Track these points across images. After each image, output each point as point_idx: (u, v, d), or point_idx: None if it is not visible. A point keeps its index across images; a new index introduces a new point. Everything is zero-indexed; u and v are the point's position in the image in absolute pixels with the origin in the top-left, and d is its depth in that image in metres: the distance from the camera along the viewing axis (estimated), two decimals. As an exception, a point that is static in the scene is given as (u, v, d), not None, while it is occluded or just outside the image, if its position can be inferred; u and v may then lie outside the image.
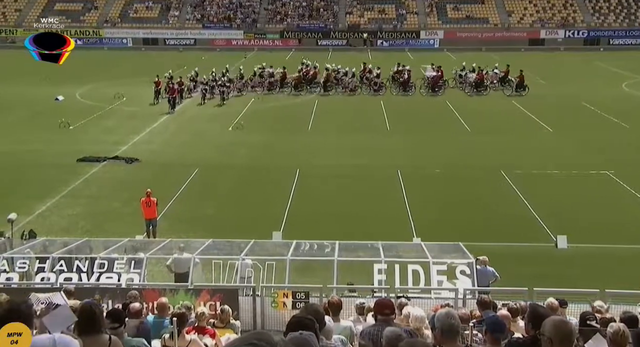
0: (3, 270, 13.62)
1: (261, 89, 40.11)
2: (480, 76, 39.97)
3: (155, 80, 37.27)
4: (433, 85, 39.76)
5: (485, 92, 39.67)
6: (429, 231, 17.59)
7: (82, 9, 69.66)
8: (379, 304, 5.89)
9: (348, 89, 40.07)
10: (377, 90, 39.82)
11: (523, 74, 39.55)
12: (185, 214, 19.86)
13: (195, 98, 38.43)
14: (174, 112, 34.64)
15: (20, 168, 24.33)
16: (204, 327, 8.62)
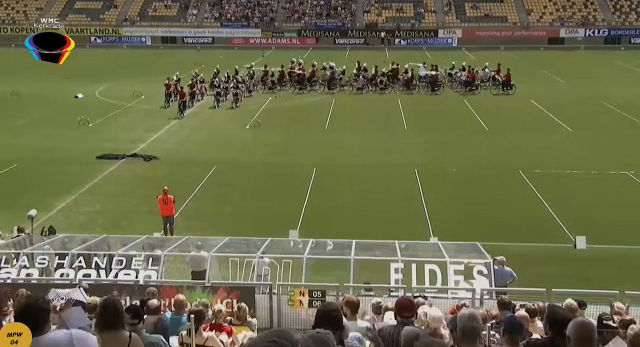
0: (23, 266, 13.78)
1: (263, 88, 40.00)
2: (472, 75, 39.90)
3: (166, 83, 36.26)
4: (432, 84, 39.68)
5: (477, 91, 39.60)
6: (446, 230, 17.51)
7: (102, 8, 70.24)
8: (399, 305, 5.88)
9: (355, 87, 40.17)
10: (383, 89, 39.91)
11: (510, 72, 39.57)
12: (202, 212, 19.95)
13: (206, 101, 37.25)
14: (183, 116, 33.49)
15: (41, 165, 24.59)
16: (221, 325, 8.65)
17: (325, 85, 40.48)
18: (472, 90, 39.46)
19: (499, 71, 40.44)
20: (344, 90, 40.24)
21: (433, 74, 40.15)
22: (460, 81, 40.28)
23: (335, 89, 40.32)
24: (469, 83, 39.67)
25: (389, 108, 35.43)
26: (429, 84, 39.78)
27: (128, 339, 5.06)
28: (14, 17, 69.44)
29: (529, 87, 40.53)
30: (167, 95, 35.95)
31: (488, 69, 41.16)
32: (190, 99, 35.50)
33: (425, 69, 41.38)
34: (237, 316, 9.71)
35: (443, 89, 39.95)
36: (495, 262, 13.14)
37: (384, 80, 40.20)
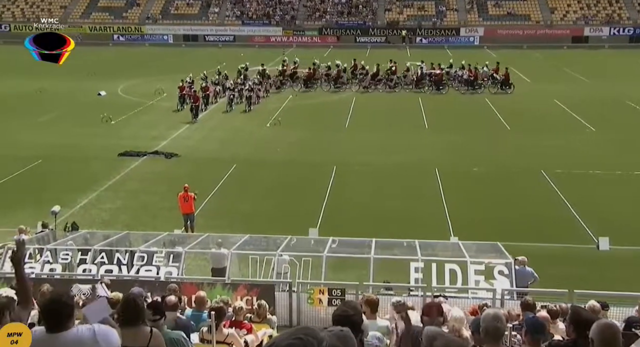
0: (47, 261, 13.96)
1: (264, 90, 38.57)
2: (474, 74, 39.74)
3: (180, 86, 35.18)
4: (437, 83, 39.52)
5: (480, 90, 39.38)
6: (467, 230, 17.41)
7: (125, 6, 70.85)
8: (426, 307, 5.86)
9: (362, 86, 40.25)
10: (392, 88, 39.86)
11: (508, 71, 39.42)
12: (222, 209, 20.05)
13: (220, 104, 36.07)
14: (197, 121, 32.13)
15: (64, 161, 24.89)
16: (241, 322, 8.69)
17: (331, 84, 40.48)
18: (475, 89, 39.32)
19: (498, 70, 40.35)
20: (349, 88, 40.27)
21: (437, 72, 40.04)
22: (460, 80, 40.19)
23: (341, 87, 40.36)
24: (471, 82, 39.56)
25: (410, 107, 35.30)
26: (433, 83, 39.68)
27: (149, 335, 5.10)
28: (39, 16, 70.25)
29: (551, 86, 40.18)
30: (181, 97, 34.83)
31: (487, 67, 40.99)
32: (203, 102, 34.23)
33: (425, 68, 41.34)
34: (257, 313, 9.74)
35: (448, 88, 39.74)
36: (517, 263, 13.03)
37: (394, 78, 40.23)
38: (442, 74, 39.99)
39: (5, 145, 26.97)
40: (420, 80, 40.05)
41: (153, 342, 5.15)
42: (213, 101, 36.19)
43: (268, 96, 38.23)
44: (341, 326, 3.88)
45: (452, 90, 39.99)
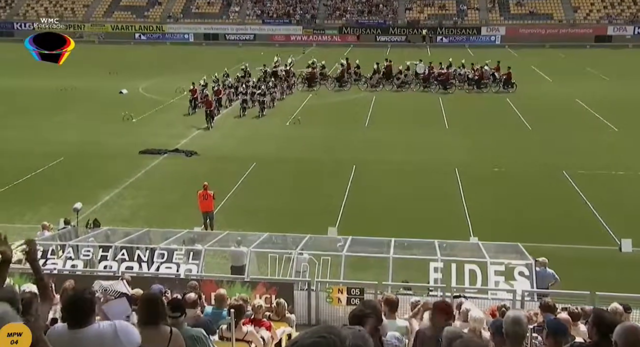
0: (69, 257, 14.12)
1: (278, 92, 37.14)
2: (480, 73, 39.67)
3: (191, 89, 33.80)
4: (444, 82, 39.46)
5: (486, 89, 39.21)
6: (487, 230, 17.30)
7: (147, 5, 71.35)
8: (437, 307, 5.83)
9: (368, 84, 40.24)
10: (400, 86, 39.90)
11: (510, 71, 39.23)
12: (242, 208, 20.12)
13: (233, 108, 34.80)
14: (212, 126, 30.67)
15: (86, 159, 25.16)
16: (260, 320, 8.71)
17: (336, 83, 40.45)
18: (480, 88, 39.24)
19: (499, 69, 40.19)
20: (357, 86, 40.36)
21: (444, 72, 40.02)
22: (463, 79, 40.13)
23: (346, 85, 40.37)
24: (477, 81, 39.47)
25: (431, 106, 35.15)
26: (440, 82, 39.62)
27: (169, 335, 5.10)
28: (62, 14, 71.04)
29: (574, 85, 39.76)
30: (193, 101, 33.63)
31: (488, 66, 40.80)
32: (216, 106, 32.97)
33: (423, 67, 41.29)
34: (275, 311, 9.76)
35: (455, 88, 39.58)
36: (537, 264, 12.92)
37: (401, 77, 40.29)
38: (449, 74, 39.94)
39: (29, 142, 27.33)
40: (428, 79, 40.06)
41: (173, 344, 5.15)
42: (227, 105, 35.12)
43: (284, 99, 37.62)
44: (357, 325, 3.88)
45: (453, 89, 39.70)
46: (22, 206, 19.98)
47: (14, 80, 40.92)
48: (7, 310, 3.56)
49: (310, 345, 2.03)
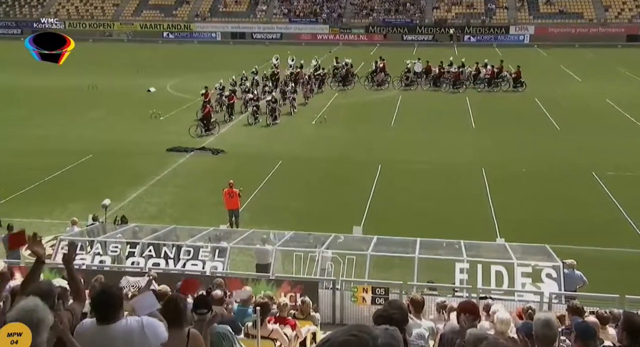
0: (97, 253, 14.30)
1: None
2: (492, 72, 39.45)
3: (203, 92, 32.19)
4: (454, 81, 39.38)
5: (497, 88, 38.91)
6: (513, 231, 17.12)
7: (175, 4, 71.95)
8: (462, 308, 5.79)
9: (375, 83, 40.24)
10: (408, 85, 39.96)
11: (520, 69, 39.09)
12: (267, 206, 20.19)
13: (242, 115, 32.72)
14: (211, 133, 28.91)
15: (114, 156, 25.46)
16: (285, 318, 8.74)
17: (340, 82, 40.29)
18: (491, 87, 39.00)
19: (502, 68, 39.99)
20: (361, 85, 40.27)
21: (455, 71, 39.91)
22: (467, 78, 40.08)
23: (350, 85, 40.25)
24: (489, 80, 39.27)
25: (457, 106, 34.91)
26: (451, 81, 39.54)
27: (186, 338, 5.12)
28: (92, 13, 72.01)
29: (604, 85, 39.15)
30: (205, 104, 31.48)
31: (490, 65, 40.71)
32: (227, 112, 31.84)
33: (420, 65, 41.21)
34: (300, 309, 9.78)
35: (465, 87, 39.32)
36: (565, 266, 12.76)
37: (410, 76, 40.26)
38: (459, 73, 39.81)
39: (58, 140, 27.76)
40: (439, 78, 40.02)
41: (191, 345, 5.17)
42: (243, 110, 32.91)
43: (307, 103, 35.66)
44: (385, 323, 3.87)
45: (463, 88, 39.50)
46: (51, 202, 20.29)
47: (44, 79, 41.50)
48: (38, 303, 3.63)
49: (342, 343, 2.03)
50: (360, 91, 39.44)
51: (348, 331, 2.07)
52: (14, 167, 23.33)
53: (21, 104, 35.62)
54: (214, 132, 29.12)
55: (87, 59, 52.93)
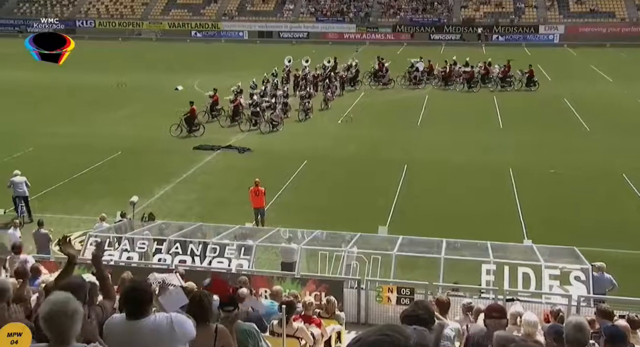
0: (125, 249, 14.48)
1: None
2: (505, 71, 39.18)
3: (212, 94, 31.86)
4: (468, 80, 39.20)
5: (510, 87, 38.64)
6: (541, 233, 16.92)
7: (203, 3, 72.46)
8: (488, 308, 5.74)
9: (381, 83, 40.08)
10: (417, 84, 39.99)
11: (532, 68, 38.90)
12: (293, 204, 20.23)
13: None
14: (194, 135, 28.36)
15: (142, 153, 25.76)
16: (310, 317, 8.75)
17: (348, 83, 39.99)
18: (504, 87, 38.78)
19: (510, 67, 39.75)
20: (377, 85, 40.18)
21: (468, 70, 39.74)
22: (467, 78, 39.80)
23: (357, 85, 40.05)
24: (502, 79, 39.01)
25: (485, 105, 34.62)
26: (464, 80, 39.44)
27: (214, 334, 5.16)
28: (122, 12, 72.86)
29: (636, 86, 38.45)
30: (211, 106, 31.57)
31: (497, 65, 40.53)
32: (227, 115, 30.84)
33: (422, 64, 41.01)
34: (325, 308, 9.79)
35: (479, 87, 39.07)
36: (594, 269, 12.58)
37: (418, 75, 40.20)
38: (473, 72, 39.60)
39: (88, 137, 28.13)
40: (449, 77, 39.97)
41: (219, 342, 5.22)
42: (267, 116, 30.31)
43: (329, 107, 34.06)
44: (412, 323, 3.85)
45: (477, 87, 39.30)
46: (80, 198, 20.59)
47: (74, 77, 42.12)
48: (70, 296, 3.69)
49: (374, 343, 2.02)
50: (386, 91, 39.31)
51: (380, 331, 2.06)
52: (45, 163, 23.70)
53: (51, 101, 36.18)
54: (197, 134, 28.57)
55: (117, 57, 53.69)
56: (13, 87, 39.27)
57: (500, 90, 38.40)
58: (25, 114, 32.88)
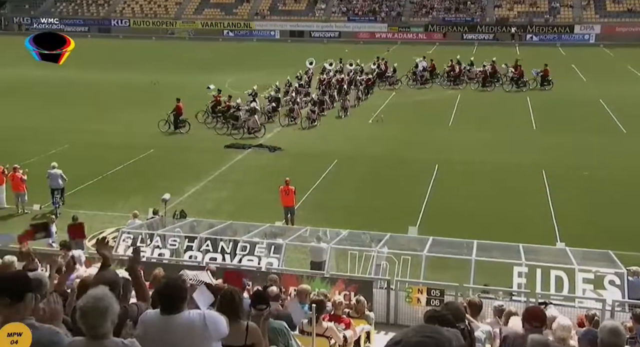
0: (157, 246, 14.66)
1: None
2: (519, 71, 38.78)
3: (215, 94, 31.95)
4: (483, 79, 39.05)
5: (525, 88, 38.31)
6: (575, 236, 16.64)
7: (235, 2, 72.92)
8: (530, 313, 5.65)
9: (387, 83, 39.94)
10: (423, 84, 39.79)
11: (547, 68, 38.51)
12: (322, 204, 20.23)
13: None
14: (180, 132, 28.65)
15: (174, 151, 26.03)
16: (339, 316, 8.75)
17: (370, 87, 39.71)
18: (520, 87, 38.44)
19: (517, 67, 39.46)
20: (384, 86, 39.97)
21: (481, 69, 39.71)
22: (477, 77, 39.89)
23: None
24: (516, 80, 38.66)
25: (518, 105, 34.21)
26: (479, 80, 39.32)
27: (245, 332, 5.19)
28: (156, 11, 73.70)
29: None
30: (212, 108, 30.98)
31: (505, 65, 40.31)
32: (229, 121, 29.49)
33: (424, 63, 40.75)
34: (355, 308, 9.77)
35: (494, 86, 38.83)
36: (630, 273, 12.34)
37: (424, 74, 40.01)
38: (486, 71, 39.41)
39: (121, 134, 28.52)
40: (459, 76, 39.84)
41: (250, 339, 5.25)
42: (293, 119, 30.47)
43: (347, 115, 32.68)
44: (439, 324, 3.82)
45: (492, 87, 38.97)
46: (113, 195, 20.88)
47: (109, 75, 42.80)
48: (107, 293, 3.74)
49: (417, 344, 2.00)
50: (416, 91, 39.10)
51: (421, 332, 2.03)
52: (79, 160, 24.07)
53: (86, 99, 36.75)
54: (182, 131, 28.95)
55: (150, 56, 54.33)
56: (49, 85, 40.01)
57: (516, 91, 38.16)
58: (61, 111, 33.49)
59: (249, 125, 28.79)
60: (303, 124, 30.23)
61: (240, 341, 5.15)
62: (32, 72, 38.33)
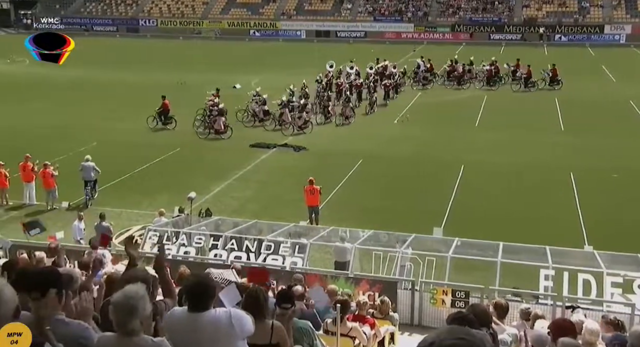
0: (182, 244, 14.79)
1: None
2: (528, 72, 38.48)
3: (214, 93, 31.64)
4: (488, 79, 39.04)
5: (534, 88, 38.14)
6: (603, 239, 16.39)
7: (262, 2, 73.19)
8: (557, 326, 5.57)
9: (420, 84, 39.95)
10: (425, 85, 39.68)
11: (556, 67, 38.24)
12: (347, 204, 20.21)
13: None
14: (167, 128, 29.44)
15: (200, 150, 26.24)
16: (364, 316, 8.74)
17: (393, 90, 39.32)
18: (528, 87, 38.26)
19: (519, 66, 39.28)
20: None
21: (487, 69, 39.49)
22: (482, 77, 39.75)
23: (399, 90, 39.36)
24: (525, 80, 38.44)
25: (545, 106, 33.81)
26: (484, 79, 39.22)
27: (270, 330, 5.21)
28: (183, 11, 74.30)
29: None
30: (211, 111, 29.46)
31: (508, 63, 40.06)
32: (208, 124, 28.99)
33: (422, 63, 40.39)
34: (379, 309, 9.76)
35: (499, 85, 38.65)
36: (659, 278, 12.12)
37: (427, 76, 39.82)
38: (492, 70, 39.25)
39: (148, 133, 28.85)
40: (463, 76, 39.68)
41: (275, 338, 5.27)
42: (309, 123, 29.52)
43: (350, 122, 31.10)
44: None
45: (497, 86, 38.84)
46: (140, 193, 21.12)
47: (136, 75, 43.24)
48: (139, 291, 3.80)
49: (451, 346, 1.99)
50: (442, 91, 38.87)
51: (454, 334, 2.02)
52: (106, 158, 24.32)
53: (114, 98, 37.19)
54: (169, 127, 29.97)
55: (177, 55, 54.79)
56: (80, 83, 40.61)
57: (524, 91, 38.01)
58: (89, 109, 33.94)
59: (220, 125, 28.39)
60: (337, 121, 30.86)
61: (265, 339, 5.18)
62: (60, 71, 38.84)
